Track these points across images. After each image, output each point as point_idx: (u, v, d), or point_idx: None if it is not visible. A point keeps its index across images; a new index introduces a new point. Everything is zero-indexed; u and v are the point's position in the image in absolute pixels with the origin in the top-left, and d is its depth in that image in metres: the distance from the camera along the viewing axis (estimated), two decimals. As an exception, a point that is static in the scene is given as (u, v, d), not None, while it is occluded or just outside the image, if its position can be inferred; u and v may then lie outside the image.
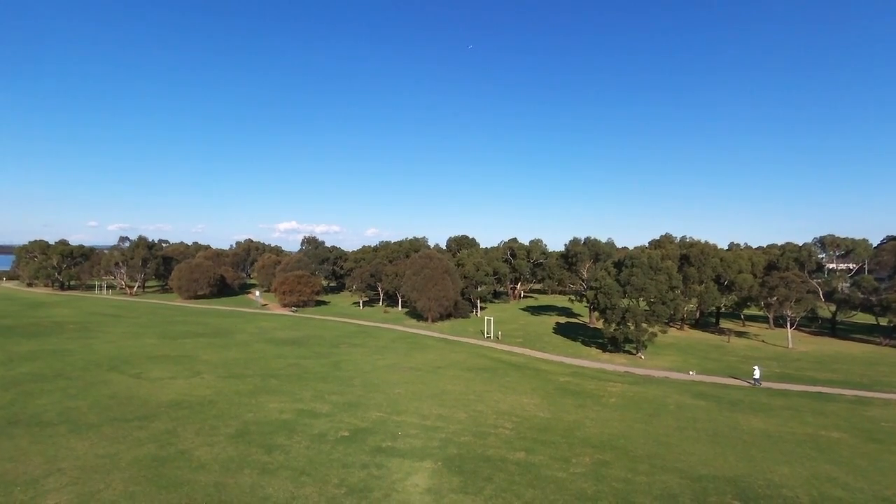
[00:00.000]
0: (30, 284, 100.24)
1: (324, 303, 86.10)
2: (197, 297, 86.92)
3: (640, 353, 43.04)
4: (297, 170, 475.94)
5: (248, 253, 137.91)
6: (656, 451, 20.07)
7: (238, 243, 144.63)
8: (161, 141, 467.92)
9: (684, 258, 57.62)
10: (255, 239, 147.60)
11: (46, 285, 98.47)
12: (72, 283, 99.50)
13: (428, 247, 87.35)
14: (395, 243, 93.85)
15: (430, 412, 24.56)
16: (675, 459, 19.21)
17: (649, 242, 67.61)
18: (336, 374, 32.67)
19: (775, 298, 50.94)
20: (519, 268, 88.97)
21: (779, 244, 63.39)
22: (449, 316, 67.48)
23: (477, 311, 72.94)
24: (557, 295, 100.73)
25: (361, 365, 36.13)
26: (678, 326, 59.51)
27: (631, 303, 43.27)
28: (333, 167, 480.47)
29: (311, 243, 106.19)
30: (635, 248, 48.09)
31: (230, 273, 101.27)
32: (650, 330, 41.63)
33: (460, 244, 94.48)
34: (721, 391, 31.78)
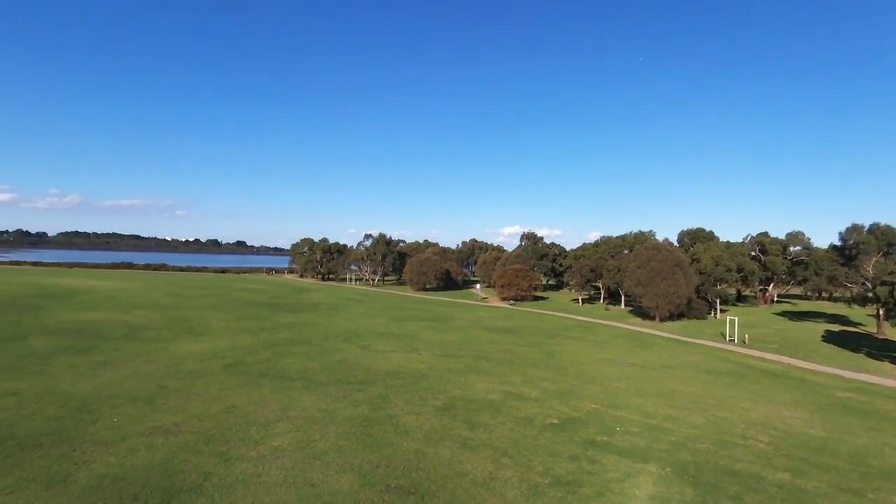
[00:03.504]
0: (301, 276, 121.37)
1: (542, 298, 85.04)
2: (425, 290, 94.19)
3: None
4: (521, 174, 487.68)
5: (473, 251, 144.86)
6: None
7: (463, 242, 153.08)
8: (402, 154, 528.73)
9: None
10: (479, 239, 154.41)
11: (313, 277, 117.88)
12: (330, 275, 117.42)
13: (655, 240, 79.43)
14: (617, 237, 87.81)
15: (656, 411, 20.86)
16: None
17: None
18: (549, 362, 30.72)
19: None
20: (771, 265, 74.84)
21: None
22: (681, 316, 59.93)
23: (716, 313, 63.40)
24: (824, 301, 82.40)
25: (577, 357, 33.50)
26: None
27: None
28: (555, 169, 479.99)
29: (531, 239, 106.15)
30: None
31: (455, 268, 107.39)
32: None
33: (695, 238, 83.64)
34: None
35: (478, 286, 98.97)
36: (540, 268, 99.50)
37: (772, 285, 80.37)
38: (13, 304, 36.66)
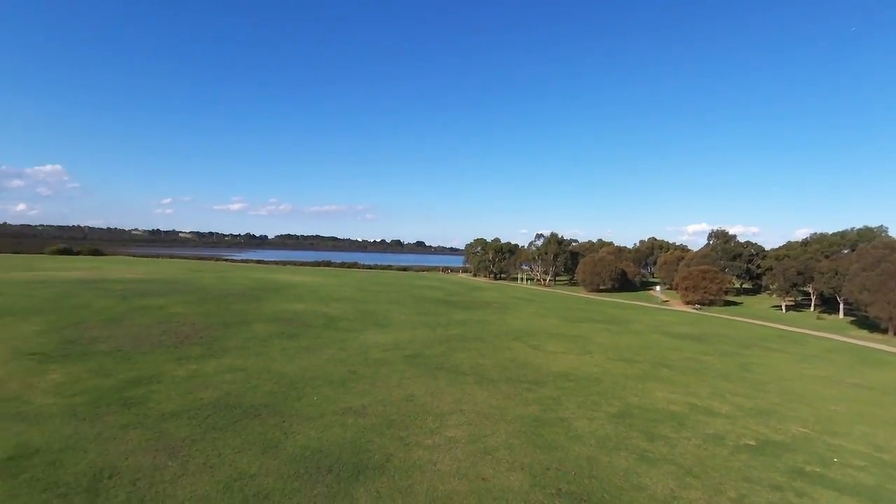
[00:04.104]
0: (474, 275, 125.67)
1: (734, 303, 76.07)
2: (599, 291, 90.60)
3: None
4: (709, 166, 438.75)
5: (652, 251, 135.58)
6: None
7: (641, 241, 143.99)
8: (575, 152, 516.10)
9: None
10: (659, 238, 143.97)
11: (485, 276, 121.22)
12: (502, 275, 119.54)
13: (888, 237, 65.53)
14: (834, 234, 74.85)
15: (889, 443, 17.17)
16: None
17: None
18: (743, 375, 27.23)
19: None
20: None
21: None
22: (925, 330, 48.69)
23: (979, 328, 50.17)
24: None
25: (780, 371, 29.17)
26: None
27: None
28: (751, 159, 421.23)
29: (721, 237, 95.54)
30: None
31: (631, 268, 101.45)
32: None
33: (946, 234, 67.26)
34: None
35: (657, 288, 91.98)
36: (732, 269, 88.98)
37: None
38: (243, 295, 44.02)
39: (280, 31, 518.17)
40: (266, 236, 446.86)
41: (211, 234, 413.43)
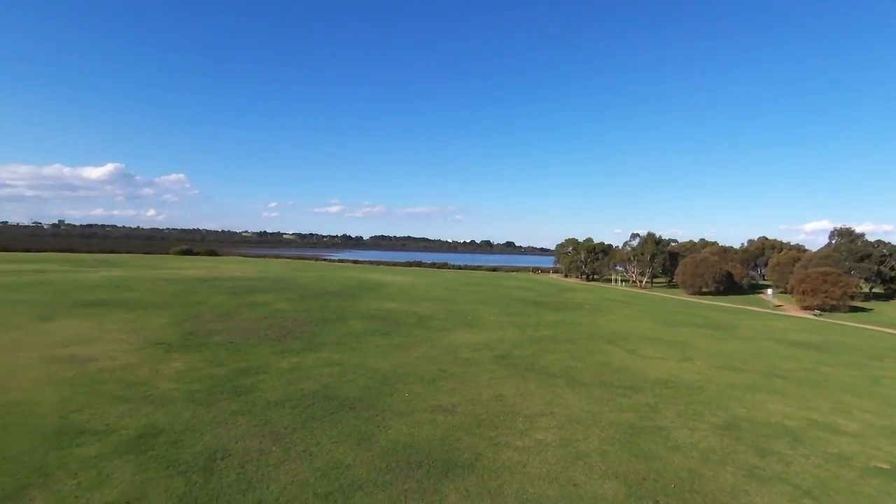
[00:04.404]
0: (565, 276, 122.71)
1: (862, 309, 68.14)
2: (701, 294, 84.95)
3: None
4: (830, 157, 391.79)
5: (762, 251, 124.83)
6: None
7: (750, 241, 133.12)
8: (673, 148, 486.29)
9: None
10: (770, 237, 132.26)
11: (577, 277, 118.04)
12: (594, 276, 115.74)
13: None
14: None
15: None
16: None
17: None
18: (874, 389, 24.27)
19: None
20: None
21: None
22: None
23: None
24: None
25: (920, 387, 25.70)
26: None
27: None
28: (878, 148, 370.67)
29: (846, 236, 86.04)
30: None
31: (738, 270, 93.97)
32: None
33: None
34: None
35: (768, 291, 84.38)
36: (859, 272, 79.69)
37: None
38: (340, 293, 46.16)
39: (372, 36, 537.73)
40: (361, 237, 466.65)
41: (311, 235, 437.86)
